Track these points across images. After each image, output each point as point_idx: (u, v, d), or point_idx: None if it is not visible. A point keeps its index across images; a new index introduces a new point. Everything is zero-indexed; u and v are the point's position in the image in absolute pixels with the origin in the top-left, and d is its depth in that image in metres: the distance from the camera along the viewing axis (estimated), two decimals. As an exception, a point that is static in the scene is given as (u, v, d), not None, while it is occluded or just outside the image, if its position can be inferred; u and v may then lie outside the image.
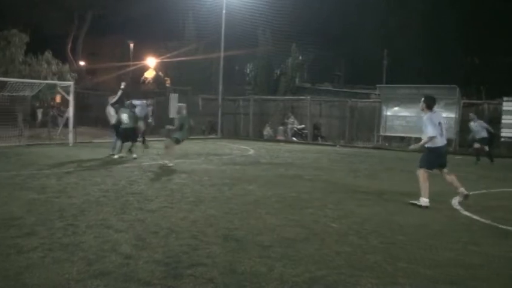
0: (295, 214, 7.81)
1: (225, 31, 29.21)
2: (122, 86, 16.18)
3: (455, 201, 9.19)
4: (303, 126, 26.81)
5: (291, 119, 27.13)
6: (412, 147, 10.60)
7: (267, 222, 7.19)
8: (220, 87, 29.18)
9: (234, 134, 28.42)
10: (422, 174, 8.85)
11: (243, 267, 5.11)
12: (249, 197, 9.25)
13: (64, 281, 4.58)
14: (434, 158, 8.91)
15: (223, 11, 29.04)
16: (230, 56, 31.65)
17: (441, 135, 8.84)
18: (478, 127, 17.29)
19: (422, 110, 9.04)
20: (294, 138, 26.46)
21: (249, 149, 20.32)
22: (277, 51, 35.54)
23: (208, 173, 12.34)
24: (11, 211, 7.42)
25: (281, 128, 27.53)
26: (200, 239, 6.14)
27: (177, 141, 13.96)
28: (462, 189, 8.97)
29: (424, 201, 8.71)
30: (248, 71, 39.34)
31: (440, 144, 8.87)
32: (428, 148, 8.93)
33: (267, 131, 27.68)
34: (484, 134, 17.25)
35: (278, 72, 35.83)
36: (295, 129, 26.83)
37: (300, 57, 36.69)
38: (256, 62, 36.67)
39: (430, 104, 8.96)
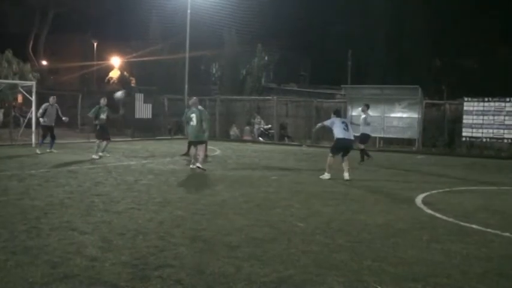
0: (262, 214, 7.84)
1: (190, 31, 29.04)
2: None
3: (418, 200, 9.39)
4: (269, 126, 26.91)
5: (258, 119, 27.20)
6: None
7: (235, 222, 7.20)
8: (186, 87, 29.00)
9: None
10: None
11: (211, 268, 5.10)
12: (216, 197, 9.25)
13: (28, 285, 4.49)
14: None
15: (188, 11, 28.89)
16: (196, 56, 31.51)
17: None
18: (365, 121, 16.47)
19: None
20: (261, 138, 26.53)
21: (215, 149, 20.27)
22: (243, 51, 35.58)
23: (175, 174, 12.28)
24: (-29, 214, 7.23)
25: (248, 128, 27.57)
26: (167, 240, 6.11)
27: (189, 144, 14.04)
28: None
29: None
30: (214, 71, 39.24)
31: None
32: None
33: (234, 131, 27.67)
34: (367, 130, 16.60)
35: (244, 73, 35.85)
36: (261, 129, 26.90)
37: (266, 58, 36.81)
38: (222, 62, 36.62)
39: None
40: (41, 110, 16.87)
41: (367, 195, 9.92)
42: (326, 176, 12.14)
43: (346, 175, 11.94)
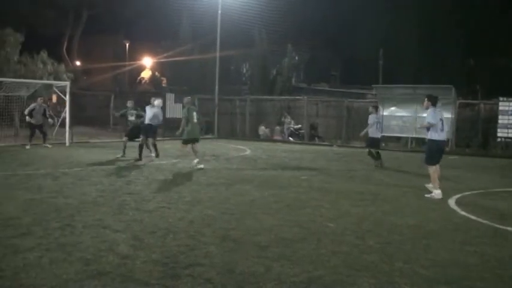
0: (292, 214, 7.82)
1: (220, 31, 29.19)
2: None
3: (452, 201, 9.24)
4: (299, 126, 26.83)
5: (288, 119, 27.15)
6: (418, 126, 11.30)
7: (264, 222, 7.20)
8: (217, 87, 29.16)
9: (231, 134, 28.41)
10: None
11: (241, 267, 5.12)
12: (246, 197, 9.26)
13: (62, 281, 4.58)
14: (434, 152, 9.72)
15: (219, 11, 29.03)
16: (226, 56, 31.62)
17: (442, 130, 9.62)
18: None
19: (427, 108, 9.79)
20: (291, 138, 26.47)
21: (245, 149, 20.32)
22: (273, 51, 35.55)
23: (205, 173, 12.34)
24: (7, 211, 7.41)
25: (278, 128, 27.55)
26: (198, 239, 6.15)
27: (185, 142, 13.83)
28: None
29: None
30: (244, 71, 39.31)
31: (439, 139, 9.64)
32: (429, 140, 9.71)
33: (262, 130, 27.68)
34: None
35: (274, 72, 35.81)
36: (292, 129, 26.85)
37: (296, 58, 36.71)
38: (252, 62, 36.65)
39: (434, 102, 9.77)
40: (27, 110, 17.43)
41: (398, 196, 9.80)
42: (436, 194, 9.58)
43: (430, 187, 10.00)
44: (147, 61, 46.67)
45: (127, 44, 50.65)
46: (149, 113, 15.32)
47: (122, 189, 9.67)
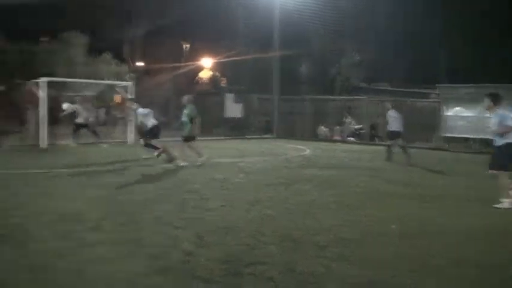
0: (351, 214, 7.75)
1: (279, 30, 29.22)
2: None
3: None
4: (360, 126, 26.49)
5: (348, 119, 26.87)
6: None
7: (324, 222, 7.17)
8: (276, 86, 29.22)
9: (290, 133, 28.38)
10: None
11: (301, 267, 5.13)
12: (305, 197, 9.25)
13: (129, 275, 4.75)
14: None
15: (277, 11, 29.07)
16: (285, 56, 31.62)
17: None
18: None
19: (489, 108, 8.85)
20: (351, 138, 26.18)
21: (304, 148, 20.26)
22: (333, 50, 35.21)
23: (265, 173, 12.41)
24: (76, 206, 7.73)
25: (338, 127, 27.31)
26: (258, 238, 6.21)
27: (186, 140, 13.78)
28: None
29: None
30: (304, 70, 39.15)
31: None
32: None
33: (322, 130, 27.51)
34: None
35: (334, 72, 35.49)
36: (352, 129, 26.55)
37: (356, 57, 36.22)
38: (311, 62, 36.48)
39: (496, 101, 8.74)
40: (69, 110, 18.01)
41: (465, 199, 9.49)
42: (507, 203, 8.52)
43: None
44: (207, 61, 47.27)
45: (187, 45, 51.56)
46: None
47: (184, 187, 9.87)
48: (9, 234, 6.03)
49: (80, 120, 18.40)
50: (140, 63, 48.63)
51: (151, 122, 14.02)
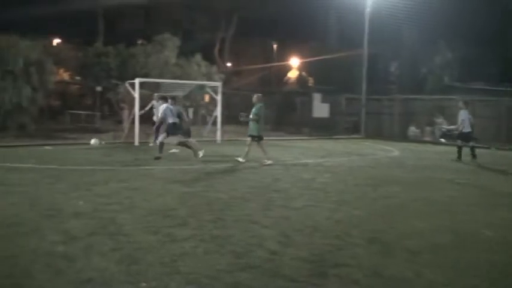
0: (444, 219, 7.40)
1: (368, 29, 28.66)
2: None
3: None
4: (452, 127, 25.34)
5: (440, 119, 25.81)
6: None
7: (414, 226, 6.91)
8: (364, 86, 28.69)
9: (378, 134, 27.74)
10: None
11: (389, 272, 4.96)
12: (394, 199, 8.97)
13: (214, 271, 4.80)
14: None
15: (367, 9, 28.51)
16: (374, 55, 30.96)
17: None
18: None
19: None
20: (442, 140, 25.12)
21: (393, 149, 19.71)
22: (424, 48, 33.97)
23: (352, 173, 12.18)
24: (165, 202, 7.96)
25: (428, 128, 26.32)
26: (344, 239, 6.08)
27: (253, 138, 13.67)
28: None
29: None
30: (393, 70, 38.12)
31: None
32: None
33: (412, 131, 26.64)
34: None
35: (425, 71, 34.23)
36: (443, 129, 25.46)
37: (449, 55, 34.72)
38: (402, 60, 35.44)
39: None
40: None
41: None
42: None
43: None
44: (294, 61, 47.32)
45: (275, 45, 51.88)
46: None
47: (270, 186, 9.90)
48: (103, 227, 6.30)
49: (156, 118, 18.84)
50: (229, 64, 49.57)
51: (172, 119, 14.23)
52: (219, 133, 21.18)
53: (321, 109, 27.24)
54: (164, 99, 15.24)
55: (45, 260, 4.97)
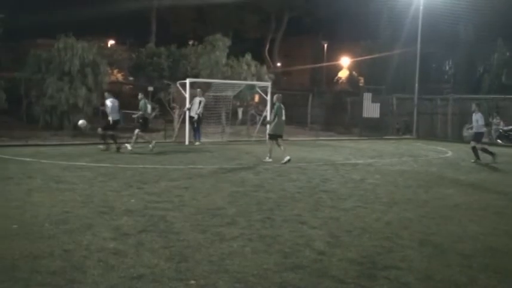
0: (500, 222, 7.16)
1: (422, 27, 28.02)
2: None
3: None
4: (510, 127, 24.46)
5: (497, 120, 24.95)
6: None
7: (468, 229, 6.70)
8: (416, 85, 28.08)
9: (430, 134, 27.09)
10: None
11: (441, 275, 4.84)
12: (447, 201, 8.73)
13: (262, 270, 4.80)
14: None
15: (421, 7, 27.89)
16: (427, 53, 30.24)
17: None
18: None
19: None
20: (499, 141, 24.29)
21: (446, 150, 19.21)
22: (481, 47, 32.90)
23: (403, 174, 11.94)
24: (214, 201, 8.03)
25: (485, 129, 25.48)
26: (395, 241, 5.97)
27: (271, 137, 13.84)
28: None
29: None
30: (447, 69, 37.13)
31: None
32: None
33: (467, 132, 25.84)
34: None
35: (481, 70, 33.14)
36: (500, 130, 24.62)
37: (508, 54, 33.49)
38: (456, 59, 34.45)
39: None
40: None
41: None
42: None
43: None
44: (345, 61, 46.89)
45: (325, 45, 51.55)
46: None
47: (319, 186, 9.83)
48: (153, 225, 6.41)
49: (192, 113, 18.91)
50: (279, 64, 49.58)
51: (114, 116, 15.43)
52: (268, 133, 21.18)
53: (371, 109, 26.84)
54: (110, 93, 16.28)
55: (97, 255, 5.10)
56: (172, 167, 12.22)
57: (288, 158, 13.39)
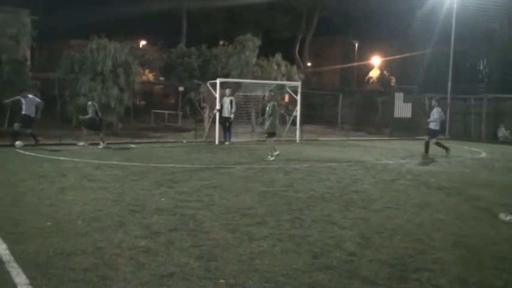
0: (536, 225, 6.97)
1: (455, 25, 27.53)
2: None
3: None
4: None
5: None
6: None
7: (502, 231, 6.56)
8: (449, 85, 27.60)
9: (464, 135, 26.61)
10: None
11: (474, 278, 4.74)
12: (480, 203, 8.56)
13: (291, 270, 4.78)
14: None
15: (455, 5, 27.40)
16: (461, 52, 29.67)
17: None
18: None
19: None
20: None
21: (480, 151, 18.83)
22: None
23: (435, 175, 11.75)
24: (244, 201, 8.05)
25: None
26: (427, 243, 5.87)
27: (269, 135, 14.06)
28: None
29: None
30: (481, 68, 36.36)
31: None
32: None
33: (502, 132, 25.30)
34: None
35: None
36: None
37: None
38: (492, 58, 33.71)
39: None
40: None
41: None
42: None
43: None
44: (376, 60, 46.42)
45: (356, 44, 51.15)
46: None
47: (349, 187, 9.75)
48: (183, 223, 6.46)
49: (225, 114, 18.89)
50: (309, 63, 49.38)
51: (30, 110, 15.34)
52: (298, 133, 21.15)
53: (403, 109, 26.50)
54: (23, 91, 15.87)
55: (128, 253, 5.16)
56: (202, 167, 12.30)
57: (272, 158, 13.80)
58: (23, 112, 15.53)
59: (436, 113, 15.98)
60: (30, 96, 15.88)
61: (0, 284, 4.30)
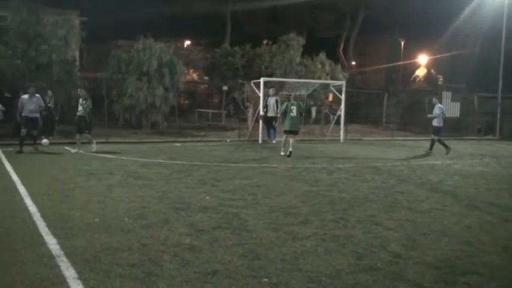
0: None
1: (507, 22, 26.66)
2: None
3: None
4: None
5: None
6: None
7: (557, 235, 6.31)
8: (500, 83, 26.76)
9: (515, 135, 25.74)
10: None
11: (527, 283, 4.57)
12: (533, 205, 8.27)
13: (335, 271, 4.74)
14: None
15: (506, 1, 26.56)
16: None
17: None
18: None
19: None
20: None
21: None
22: None
23: (485, 176, 11.42)
24: (287, 200, 8.02)
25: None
26: (475, 246, 5.71)
27: (286, 132, 14.36)
28: None
29: None
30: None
31: None
32: None
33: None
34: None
35: None
36: None
37: None
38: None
39: None
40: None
41: None
42: None
43: None
44: (423, 59, 45.45)
45: (402, 43, 50.25)
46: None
47: (394, 187, 9.59)
48: (227, 222, 6.49)
49: (271, 113, 18.75)
50: (354, 62, 48.85)
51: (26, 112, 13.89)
52: (342, 132, 20.95)
53: (451, 108, 25.86)
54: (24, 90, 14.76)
55: (173, 250, 5.22)
56: (245, 165, 12.34)
57: (284, 153, 14.25)
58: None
59: (437, 109, 16.80)
60: (38, 95, 14.70)
61: (51, 277, 4.43)
